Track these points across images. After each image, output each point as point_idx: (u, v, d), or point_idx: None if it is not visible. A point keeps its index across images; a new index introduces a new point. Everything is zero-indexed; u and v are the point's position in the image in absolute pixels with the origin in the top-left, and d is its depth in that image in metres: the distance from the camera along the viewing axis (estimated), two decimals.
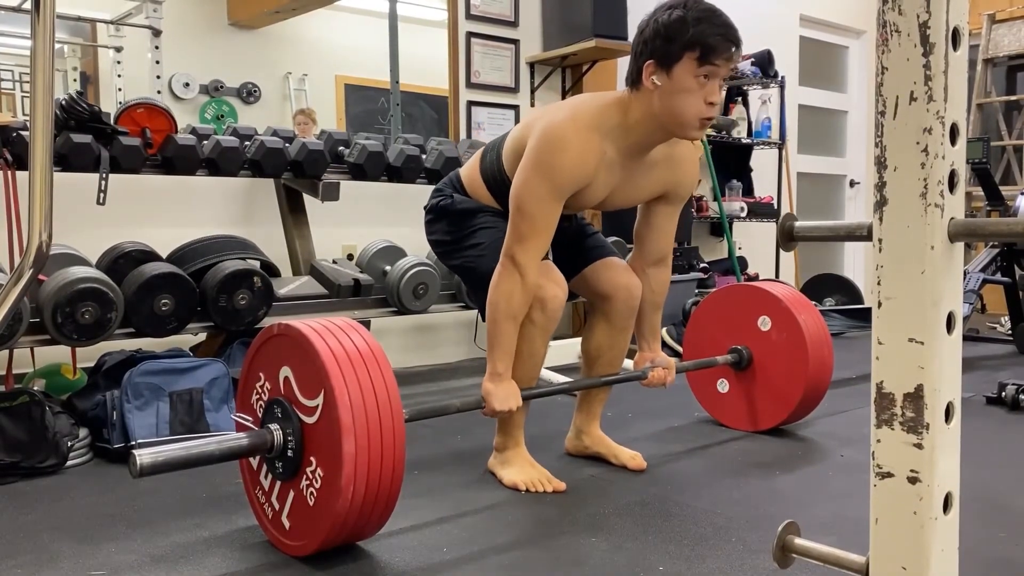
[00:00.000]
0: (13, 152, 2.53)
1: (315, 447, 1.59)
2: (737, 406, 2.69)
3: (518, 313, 1.99)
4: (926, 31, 0.79)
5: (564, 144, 1.89)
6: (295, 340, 1.63)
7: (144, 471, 1.49)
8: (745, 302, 2.66)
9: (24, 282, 1.09)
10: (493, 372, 2.01)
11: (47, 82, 1.10)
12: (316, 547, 1.61)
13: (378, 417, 1.56)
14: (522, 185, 1.93)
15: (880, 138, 0.82)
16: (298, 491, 1.64)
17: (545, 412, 2.90)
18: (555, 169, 1.90)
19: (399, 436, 1.60)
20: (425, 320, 3.89)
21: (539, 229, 1.94)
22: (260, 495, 1.76)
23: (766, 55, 5.05)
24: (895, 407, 0.81)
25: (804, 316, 2.56)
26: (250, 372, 1.78)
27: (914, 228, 0.80)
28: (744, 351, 2.63)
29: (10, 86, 4.82)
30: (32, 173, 1.09)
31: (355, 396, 1.54)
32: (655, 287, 2.29)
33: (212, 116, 5.59)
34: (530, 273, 1.96)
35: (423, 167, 3.41)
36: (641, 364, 2.33)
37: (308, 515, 1.62)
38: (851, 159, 6.45)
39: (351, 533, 1.62)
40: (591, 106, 1.97)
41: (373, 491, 1.55)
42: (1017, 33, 6.22)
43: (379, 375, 1.60)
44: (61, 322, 2.39)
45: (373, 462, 1.54)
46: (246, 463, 1.80)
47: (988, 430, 2.74)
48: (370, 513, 1.59)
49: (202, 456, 1.60)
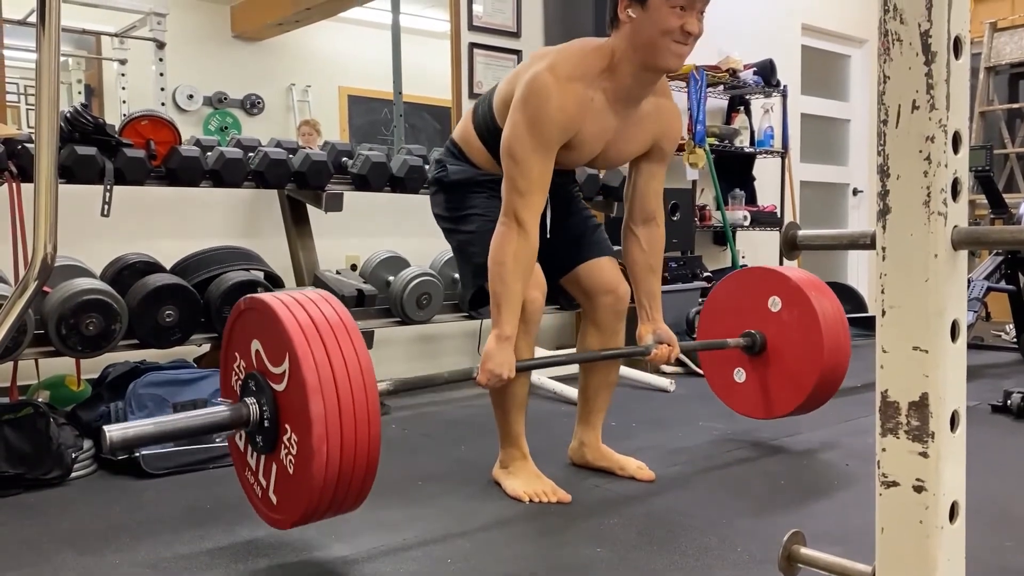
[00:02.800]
0: (18, 164, 2.54)
1: (288, 414, 1.57)
2: (753, 394, 2.60)
3: (526, 271, 1.97)
4: (928, 40, 0.79)
5: (547, 94, 1.89)
6: (261, 312, 1.63)
7: (115, 446, 1.48)
8: (758, 285, 2.58)
9: (29, 294, 1.09)
10: (500, 335, 1.95)
11: (52, 95, 1.10)
12: (299, 515, 1.59)
13: (347, 379, 1.53)
14: (511, 137, 1.94)
15: (883, 147, 0.82)
16: (279, 462, 1.62)
17: (549, 422, 2.90)
18: (540, 120, 1.90)
19: (372, 400, 1.57)
20: (428, 330, 3.89)
21: (534, 182, 1.94)
22: (250, 476, 1.74)
23: (768, 64, 5.05)
24: (900, 416, 0.81)
25: (817, 296, 2.49)
26: (227, 354, 1.78)
27: (917, 236, 0.80)
28: (758, 336, 2.53)
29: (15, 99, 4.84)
30: (37, 185, 1.09)
31: (320, 357, 1.52)
32: (648, 247, 2.23)
33: (216, 128, 5.61)
34: (533, 229, 1.95)
35: (426, 177, 3.42)
36: (643, 335, 2.25)
37: (289, 484, 1.60)
38: (854, 168, 6.45)
39: (332, 500, 1.59)
40: (573, 53, 1.98)
41: (350, 455, 1.53)
42: (1019, 41, 6.23)
43: (347, 340, 1.57)
44: (65, 334, 2.40)
45: (347, 424, 1.52)
46: (235, 447, 1.78)
47: (994, 438, 2.73)
48: (349, 480, 1.56)
49: (174, 431, 1.60)
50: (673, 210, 4.25)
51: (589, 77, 1.95)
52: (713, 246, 5.25)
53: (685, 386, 3.60)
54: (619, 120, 2.03)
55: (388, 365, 3.84)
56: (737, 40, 5.16)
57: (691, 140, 4.53)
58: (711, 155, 4.67)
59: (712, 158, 4.69)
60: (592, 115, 1.96)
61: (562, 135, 1.94)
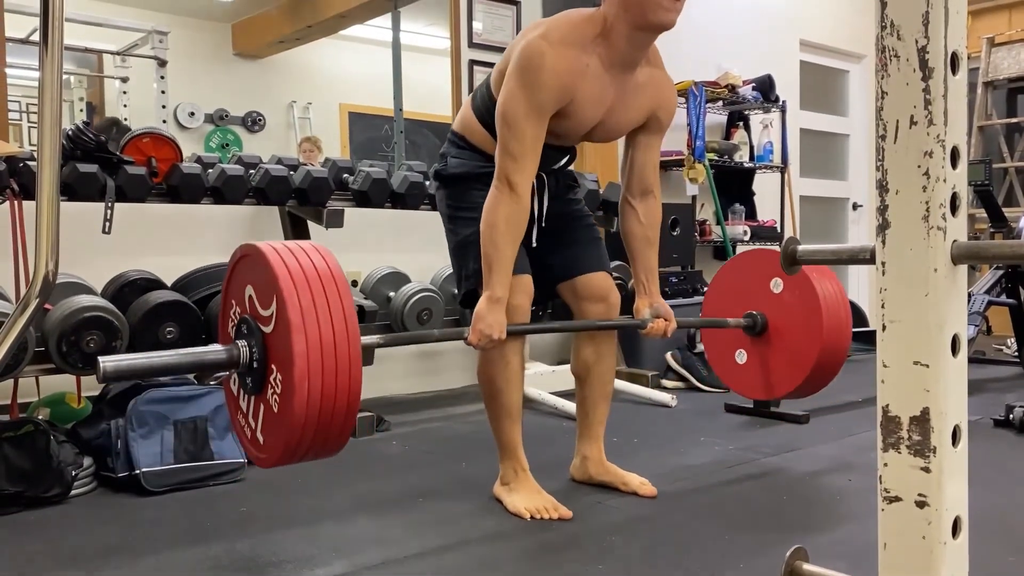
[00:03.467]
0: (20, 182, 2.55)
1: (275, 354, 1.62)
2: (754, 375, 2.59)
3: (517, 235, 2.00)
4: (925, 56, 0.79)
5: (540, 59, 1.91)
6: (254, 257, 1.68)
7: (108, 376, 1.54)
8: (761, 266, 2.59)
9: (30, 311, 1.10)
10: (491, 296, 1.98)
11: (55, 113, 1.11)
12: (280, 452, 1.63)
13: (331, 323, 1.58)
14: (505, 102, 1.96)
15: (881, 162, 0.83)
16: (266, 402, 1.66)
17: (550, 438, 2.89)
18: (534, 85, 1.92)
19: (354, 344, 1.62)
20: (429, 346, 3.88)
21: (527, 147, 1.95)
22: (241, 419, 1.79)
23: (767, 80, 5.07)
24: (901, 430, 0.81)
25: (818, 277, 2.50)
26: (225, 301, 1.83)
27: (917, 251, 0.80)
28: (759, 316, 2.53)
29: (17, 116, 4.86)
30: (39, 203, 1.09)
31: (305, 300, 1.57)
32: (645, 220, 2.25)
33: (217, 145, 5.63)
34: (525, 193, 1.98)
35: (426, 194, 3.43)
36: (641, 310, 2.26)
37: (274, 423, 1.64)
38: (853, 182, 6.46)
39: (313, 439, 1.62)
40: (565, 22, 2.00)
41: (330, 394, 1.57)
42: (1016, 56, 6.26)
43: (332, 287, 1.62)
44: (66, 351, 2.40)
45: (328, 365, 1.56)
46: (230, 392, 1.83)
47: (996, 453, 2.72)
48: (329, 419, 1.59)
49: (167, 366, 1.66)
50: (673, 225, 4.26)
51: (583, 43, 1.96)
52: (713, 261, 5.26)
53: (687, 401, 3.59)
54: (616, 88, 2.04)
55: (388, 381, 3.85)
56: (736, 56, 5.19)
57: (691, 155, 4.54)
58: (711, 170, 4.68)
59: (712, 173, 4.70)
60: (587, 81, 1.97)
61: (556, 99, 1.95)
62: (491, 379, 2.14)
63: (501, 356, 2.11)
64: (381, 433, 3.05)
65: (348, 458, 2.71)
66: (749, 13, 5.51)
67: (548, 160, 2.14)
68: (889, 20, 0.82)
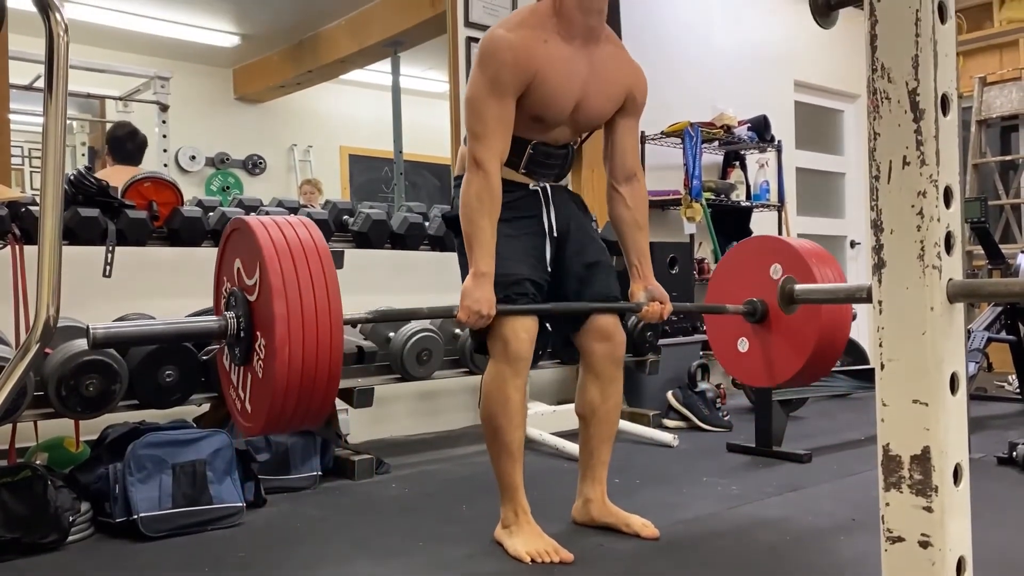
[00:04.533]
0: (21, 227, 2.56)
1: (259, 322, 1.66)
2: (755, 362, 2.58)
3: (491, 210, 2.04)
4: (915, 98, 0.81)
5: (495, 41, 2.02)
6: (242, 231, 1.74)
7: (98, 343, 1.57)
8: (761, 254, 2.58)
9: (30, 357, 1.10)
10: (476, 272, 2.02)
11: (58, 159, 1.12)
12: (264, 418, 1.65)
13: (312, 289, 1.63)
14: (468, 89, 2.07)
15: (875, 202, 0.84)
16: (252, 371, 1.70)
17: (551, 478, 2.87)
18: (491, 63, 2.01)
19: (335, 310, 1.65)
20: (429, 387, 3.87)
21: (490, 126, 2.03)
22: (232, 392, 1.83)
23: (762, 120, 5.13)
24: (902, 470, 0.81)
25: (817, 263, 2.49)
26: (218, 278, 1.88)
27: (913, 290, 0.80)
28: (759, 303, 2.52)
29: (19, 162, 4.90)
30: (41, 248, 1.10)
31: (287, 265, 1.62)
32: (632, 204, 2.28)
33: (218, 188, 5.67)
34: (493, 171, 2.04)
35: (426, 234, 3.45)
36: (636, 293, 2.27)
37: (259, 389, 1.67)
38: (850, 220, 6.49)
39: (296, 406, 1.64)
40: (518, 11, 2.15)
41: (311, 359, 1.61)
42: (1008, 95, 6.33)
43: (315, 256, 1.66)
44: (65, 395, 2.39)
45: (308, 330, 1.60)
46: (223, 368, 1.87)
47: (1000, 491, 2.70)
48: (312, 384, 1.62)
49: (156, 334, 1.72)
50: (672, 264, 4.27)
51: (539, 23, 2.08)
52: None
53: (689, 441, 3.57)
54: (586, 61, 2.11)
55: (388, 423, 3.83)
56: (731, 97, 5.25)
57: (688, 195, 4.58)
58: (708, 209, 4.71)
59: (709, 212, 4.73)
60: (549, 54, 2.05)
61: (514, 73, 2.02)
62: (491, 416, 2.13)
63: (502, 392, 2.09)
64: (381, 476, 3.03)
65: (347, 502, 2.70)
66: (743, 55, 5.58)
67: (544, 163, 2.18)
68: (880, 63, 0.83)
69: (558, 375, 4.30)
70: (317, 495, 2.77)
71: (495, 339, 2.10)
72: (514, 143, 2.12)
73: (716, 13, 5.47)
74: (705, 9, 5.41)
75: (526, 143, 2.16)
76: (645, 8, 4.98)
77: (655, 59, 5.01)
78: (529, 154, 2.17)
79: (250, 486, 2.57)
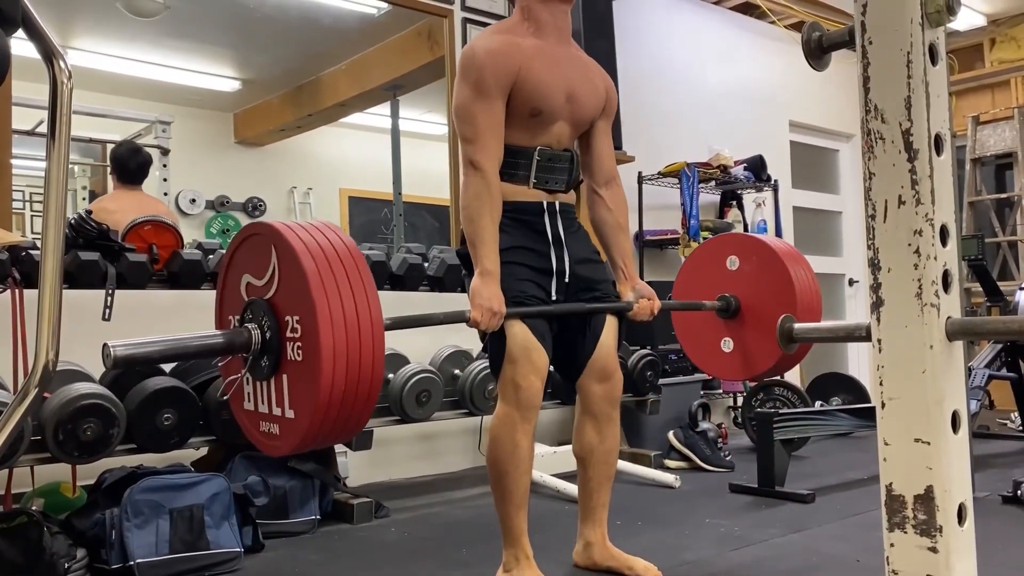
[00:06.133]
0: (21, 271, 2.57)
1: (284, 305, 1.62)
2: (735, 358, 2.59)
3: (491, 208, 2.07)
4: (909, 138, 0.81)
5: (472, 50, 2.10)
6: (247, 243, 1.73)
7: (118, 363, 1.52)
8: (718, 253, 2.65)
9: (29, 401, 1.09)
10: (482, 271, 2.03)
11: (60, 203, 1.13)
12: (307, 421, 1.58)
13: (335, 252, 1.61)
14: (454, 99, 2.13)
15: (872, 241, 0.84)
16: (288, 364, 1.64)
17: (552, 521, 2.84)
18: (471, 70, 2.07)
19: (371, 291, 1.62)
20: (428, 428, 3.85)
21: (481, 128, 2.07)
22: (265, 425, 1.75)
23: (758, 160, 5.17)
24: (906, 510, 0.80)
25: (778, 245, 2.55)
26: (222, 315, 1.85)
27: (912, 328, 0.80)
28: (732, 299, 2.56)
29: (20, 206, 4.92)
30: (42, 292, 1.10)
31: (304, 235, 1.60)
32: (613, 206, 2.32)
33: (218, 231, 5.69)
34: (490, 170, 2.08)
35: (425, 275, 3.45)
36: (625, 293, 2.29)
37: (298, 392, 1.61)
38: (849, 258, 6.51)
39: (343, 397, 1.58)
40: (492, 26, 2.29)
41: (352, 315, 1.57)
42: (1001, 134, 6.39)
43: (329, 231, 1.65)
44: (63, 439, 2.37)
45: (343, 287, 1.57)
46: (239, 401, 1.81)
47: (1006, 530, 2.67)
48: (358, 337, 1.58)
49: (178, 351, 1.66)
50: None
51: (512, 30, 2.17)
52: None
53: (690, 482, 3.54)
54: (564, 57, 2.19)
55: (388, 466, 3.80)
56: (727, 137, 5.31)
57: (685, 234, 4.60)
58: None
59: None
60: (528, 53, 2.11)
61: (496, 75, 2.07)
62: (498, 461, 2.11)
63: (511, 438, 2.07)
64: (380, 519, 3.00)
65: (346, 546, 2.67)
66: (739, 96, 5.65)
67: (553, 168, 2.18)
68: (873, 104, 0.84)
69: (559, 415, 4.28)
70: (316, 539, 2.74)
71: (506, 383, 2.08)
72: (519, 154, 2.14)
73: (711, 55, 5.55)
74: (700, 51, 5.49)
75: (531, 151, 2.16)
76: (641, 50, 5.05)
77: (651, 100, 5.09)
78: (537, 161, 2.16)
79: (248, 531, 2.55)
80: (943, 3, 0.81)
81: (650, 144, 4.90)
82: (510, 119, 2.11)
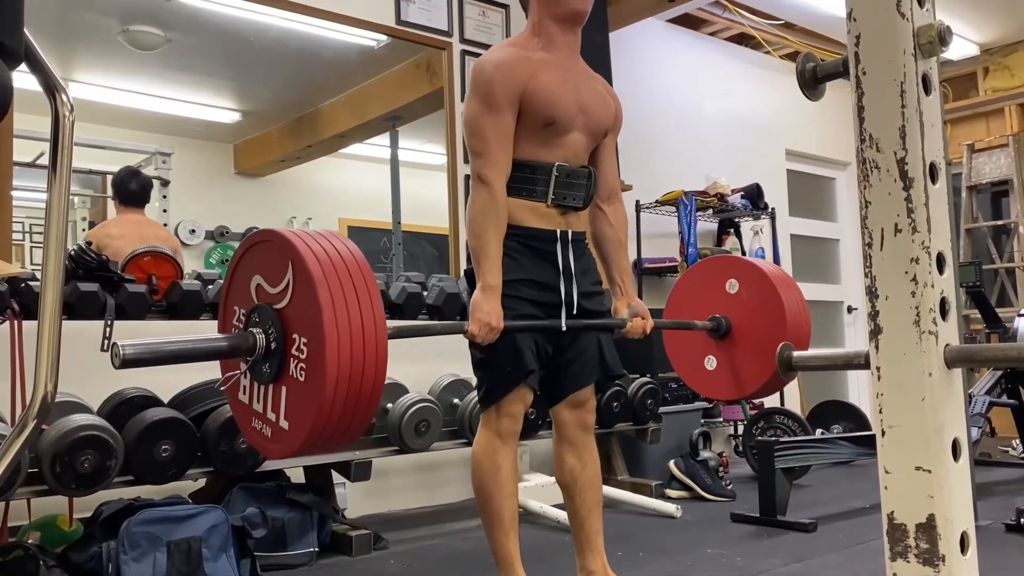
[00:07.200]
0: (21, 303, 2.57)
1: (294, 322, 1.61)
2: (723, 377, 2.59)
3: (496, 223, 2.05)
4: (904, 167, 0.82)
5: (482, 64, 2.11)
6: (256, 248, 1.72)
7: (127, 363, 1.50)
8: (716, 274, 2.66)
9: (27, 433, 1.09)
10: (484, 285, 2.02)
11: (60, 235, 1.13)
12: (309, 426, 1.56)
13: (350, 278, 1.59)
14: (464, 113, 2.14)
15: (869, 269, 0.84)
16: (288, 378, 1.63)
17: (553, 552, 2.82)
18: (481, 83, 2.08)
19: (375, 296, 1.61)
20: (427, 459, 3.83)
21: (490, 141, 2.06)
22: (256, 421, 1.74)
23: (755, 188, 5.19)
24: (908, 539, 0.80)
25: (770, 270, 2.56)
26: (226, 318, 1.84)
27: (910, 356, 0.81)
28: (723, 320, 2.56)
29: (20, 237, 4.93)
30: (41, 324, 1.10)
31: (321, 256, 1.58)
32: (614, 222, 2.32)
33: (218, 261, 5.70)
34: (498, 185, 2.06)
35: (424, 304, 3.45)
36: (620, 310, 2.29)
37: (300, 396, 1.60)
38: (847, 285, 6.52)
39: (345, 400, 1.57)
40: (506, 40, 2.32)
41: (359, 350, 1.55)
42: (997, 161, 6.43)
43: (344, 247, 1.65)
44: (60, 471, 2.35)
45: (354, 322, 1.55)
46: (239, 402, 1.79)
47: (1009, 560, 2.65)
48: (360, 380, 1.57)
49: (184, 352, 1.65)
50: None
51: (522, 45, 2.18)
52: None
53: (692, 511, 3.52)
54: (574, 70, 2.19)
55: (386, 497, 3.77)
56: (723, 166, 5.34)
57: (683, 262, 4.61)
58: None
59: None
60: (538, 66, 2.11)
61: (505, 89, 2.07)
62: (481, 485, 2.10)
63: (492, 461, 2.08)
64: (379, 551, 2.97)
65: None
66: (735, 125, 5.69)
67: (572, 185, 2.16)
68: (868, 133, 0.85)
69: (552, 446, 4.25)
70: (314, 572, 2.71)
71: (489, 409, 2.10)
72: (538, 170, 2.11)
73: (707, 85, 5.60)
74: (696, 81, 5.54)
75: (550, 167, 2.12)
76: (638, 81, 5.09)
77: (648, 130, 5.13)
78: (556, 177, 2.13)
79: (246, 563, 2.52)
80: (935, 35, 0.82)
81: (648, 173, 4.93)
82: (525, 132, 2.10)
